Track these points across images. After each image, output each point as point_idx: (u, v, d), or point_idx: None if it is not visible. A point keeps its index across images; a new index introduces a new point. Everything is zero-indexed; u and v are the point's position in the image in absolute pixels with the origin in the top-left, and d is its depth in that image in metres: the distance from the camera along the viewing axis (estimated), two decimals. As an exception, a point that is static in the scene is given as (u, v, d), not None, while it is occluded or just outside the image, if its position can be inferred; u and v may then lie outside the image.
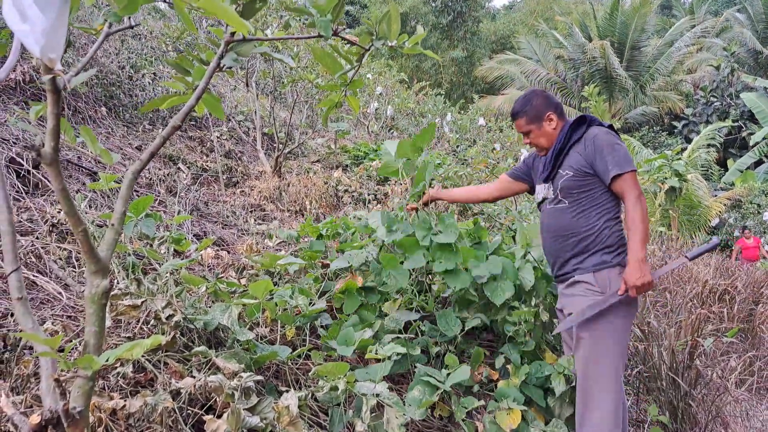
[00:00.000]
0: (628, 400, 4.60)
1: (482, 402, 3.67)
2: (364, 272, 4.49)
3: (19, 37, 1.37)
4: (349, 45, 2.60)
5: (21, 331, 1.96)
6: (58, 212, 4.57)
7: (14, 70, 6.56)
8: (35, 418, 1.82)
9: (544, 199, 3.76)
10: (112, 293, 2.34)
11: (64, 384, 1.76)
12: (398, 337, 3.75)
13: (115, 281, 3.66)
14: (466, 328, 4.08)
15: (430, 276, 4.58)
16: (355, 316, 4.07)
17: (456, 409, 3.52)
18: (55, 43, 1.40)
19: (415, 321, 4.07)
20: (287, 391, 2.99)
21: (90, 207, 5.22)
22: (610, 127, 3.64)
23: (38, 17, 1.34)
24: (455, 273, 3.95)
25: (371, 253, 4.31)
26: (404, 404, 3.30)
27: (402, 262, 4.01)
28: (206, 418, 2.62)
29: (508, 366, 3.97)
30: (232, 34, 2.22)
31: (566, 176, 3.57)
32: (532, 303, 4.21)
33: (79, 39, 8.72)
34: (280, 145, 9.10)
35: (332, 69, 2.65)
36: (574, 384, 3.67)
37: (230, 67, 2.29)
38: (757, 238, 15.99)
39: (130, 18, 2.23)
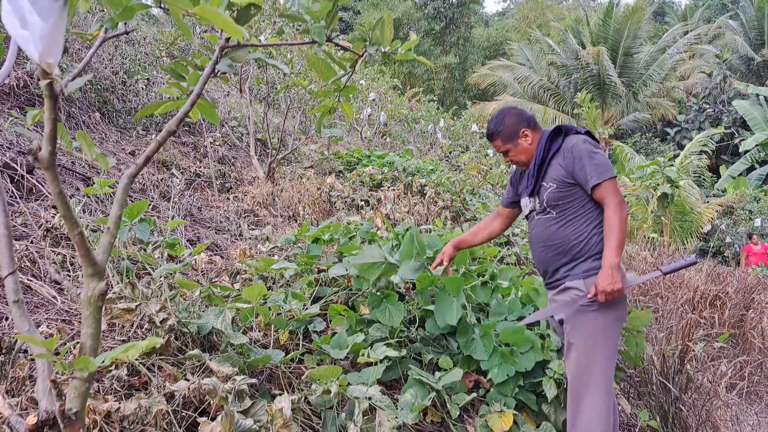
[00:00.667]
0: (619, 405, 4.63)
1: (474, 395, 3.69)
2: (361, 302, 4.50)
3: (19, 42, 1.39)
4: (342, 51, 2.63)
5: (17, 334, 1.97)
6: (53, 217, 4.58)
7: (8, 76, 6.58)
8: (32, 419, 1.84)
9: (531, 211, 3.78)
10: (106, 297, 2.36)
11: (60, 385, 1.78)
12: (389, 343, 3.78)
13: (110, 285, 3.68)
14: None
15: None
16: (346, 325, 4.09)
17: (450, 406, 3.53)
18: (53, 48, 1.43)
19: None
20: (280, 395, 3.01)
21: (84, 212, 5.23)
22: (588, 133, 3.66)
23: (37, 23, 1.36)
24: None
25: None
26: (397, 408, 3.32)
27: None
28: (200, 420, 2.64)
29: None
30: (227, 39, 2.25)
31: (550, 188, 3.58)
32: None
33: (73, 44, 8.74)
34: (274, 151, 9.12)
35: (325, 75, 2.68)
36: (566, 387, 3.70)
37: (225, 73, 2.32)
38: (765, 245, 15.92)
39: (126, 24, 2.25)
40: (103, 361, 1.73)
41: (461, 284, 3.99)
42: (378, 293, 3.98)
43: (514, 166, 4.02)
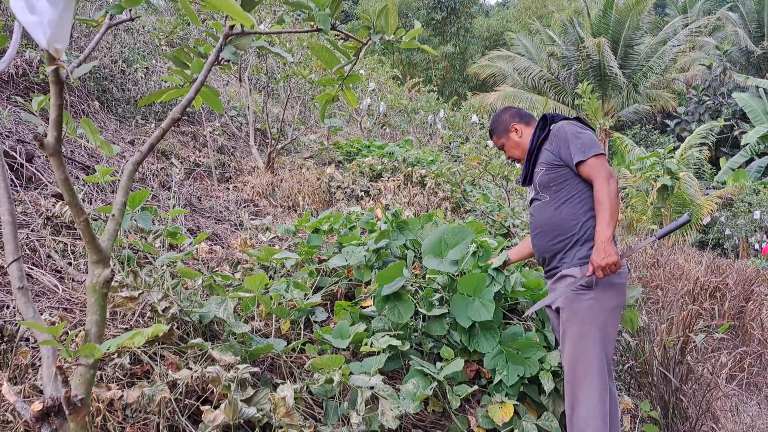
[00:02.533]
0: (619, 395, 4.64)
1: (475, 387, 3.68)
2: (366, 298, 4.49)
3: (27, 27, 1.38)
4: (344, 39, 2.62)
5: (21, 321, 1.97)
6: (53, 205, 4.57)
7: (10, 63, 6.57)
8: (37, 406, 1.83)
9: (531, 201, 3.81)
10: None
11: (65, 372, 1.78)
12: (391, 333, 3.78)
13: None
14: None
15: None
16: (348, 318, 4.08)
17: (451, 397, 3.53)
18: (62, 34, 1.42)
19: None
20: (282, 384, 3.01)
21: (84, 200, 5.22)
22: (577, 119, 3.70)
23: (46, 8, 1.36)
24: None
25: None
26: (399, 398, 3.32)
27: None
28: (203, 408, 2.64)
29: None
30: (231, 27, 2.24)
31: (540, 172, 3.63)
32: None
33: (71, 32, 8.71)
34: (273, 141, 9.11)
35: (329, 63, 2.67)
36: (562, 377, 3.71)
37: (228, 61, 2.31)
38: None
39: (131, 11, 2.24)
40: (109, 348, 1.73)
41: (480, 283, 3.96)
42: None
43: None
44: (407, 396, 3.35)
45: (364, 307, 4.26)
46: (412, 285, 4.32)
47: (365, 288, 4.58)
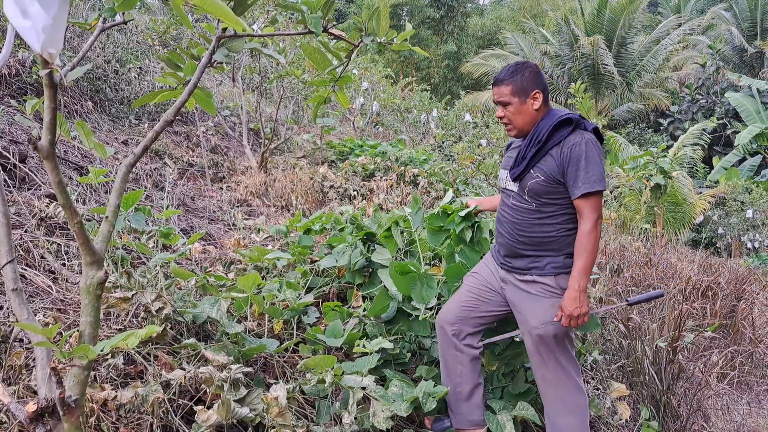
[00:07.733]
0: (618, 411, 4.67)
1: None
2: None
3: (20, 32, 1.40)
4: (337, 40, 2.63)
5: (15, 322, 1.98)
6: (46, 206, 4.58)
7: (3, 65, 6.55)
8: (31, 407, 1.85)
9: (509, 190, 3.54)
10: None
11: (59, 373, 1.79)
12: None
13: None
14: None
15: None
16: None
17: (425, 399, 3.44)
18: (55, 38, 1.43)
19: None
20: (275, 384, 3.03)
21: (77, 201, 5.23)
22: (596, 130, 3.36)
23: (39, 13, 1.37)
24: None
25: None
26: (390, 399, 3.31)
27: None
28: (197, 408, 2.65)
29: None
30: (224, 29, 2.25)
31: (537, 179, 3.32)
32: None
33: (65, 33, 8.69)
34: (266, 141, 9.12)
35: (321, 65, 2.68)
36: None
37: (221, 63, 2.32)
38: None
39: (123, 14, 2.25)
40: (103, 349, 1.75)
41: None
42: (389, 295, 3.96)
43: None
44: (396, 398, 3.33)
45: (354, 307, 4.28)
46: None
47: (356, 290, 4.58)
